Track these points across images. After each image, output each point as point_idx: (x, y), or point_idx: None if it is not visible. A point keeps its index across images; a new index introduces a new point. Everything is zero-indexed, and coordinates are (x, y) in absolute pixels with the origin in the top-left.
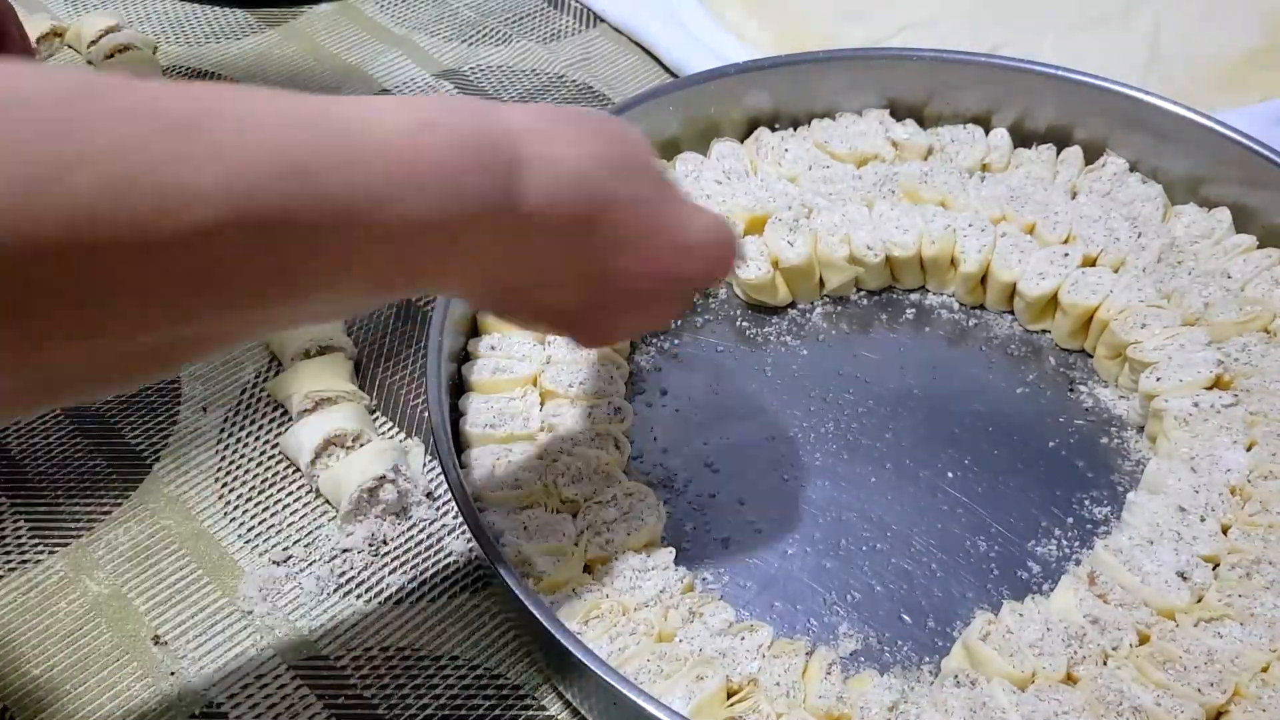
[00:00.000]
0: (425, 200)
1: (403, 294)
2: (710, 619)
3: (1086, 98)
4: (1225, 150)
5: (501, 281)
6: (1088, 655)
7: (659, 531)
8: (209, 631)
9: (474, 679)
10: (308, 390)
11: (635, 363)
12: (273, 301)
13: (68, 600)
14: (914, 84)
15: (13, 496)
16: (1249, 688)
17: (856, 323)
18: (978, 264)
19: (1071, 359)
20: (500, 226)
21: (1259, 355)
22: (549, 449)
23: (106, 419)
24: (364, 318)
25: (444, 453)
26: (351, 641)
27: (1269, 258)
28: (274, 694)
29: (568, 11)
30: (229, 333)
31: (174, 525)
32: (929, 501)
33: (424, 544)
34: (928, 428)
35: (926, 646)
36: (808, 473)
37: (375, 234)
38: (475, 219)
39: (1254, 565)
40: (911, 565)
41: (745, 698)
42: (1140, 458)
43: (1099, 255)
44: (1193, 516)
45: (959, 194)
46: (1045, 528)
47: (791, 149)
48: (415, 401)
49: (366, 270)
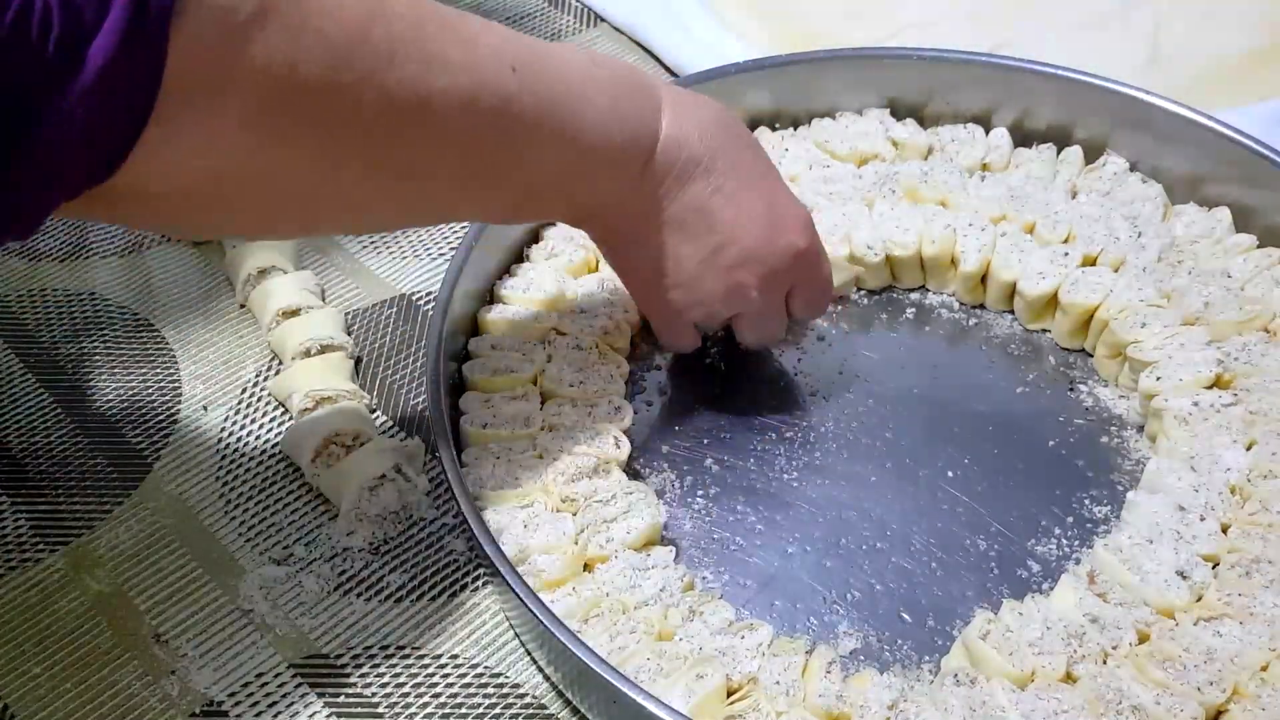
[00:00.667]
0: (599, 114)
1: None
2: (710, 618)
3: (1086, 98)
4: (1225, 150)
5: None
6: (1087, 654)
7: (658, 530)
8: (209, 630)
9: (474, 678)
10: (308, 389)
11: (635, 362)
12: (491, 175)
13: (68, 599)
14: (914, 84)
15: (14, 495)
16: (1248, 687)
17: (856, 323)
18: (978, 263)
19: (1071, 358)
20: (642, 154)
21: (1259, 355)
22: (549, 449)
23: (107, 418)
24: (364, 318)
25: (444, 452)
26: (352, 640)
27: (1269, 257)
28: (274, 692)
29: (568, 11)
30: (451, 199)
31: (175, 524)
32: (929, 500)
33: (424, 543)
34: (928, 427)
35: (926, 645)
36: (808, 472)
37: (566, 133)
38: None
39: (1253, 564)
40: (911, 564)
41: (745, 696)
42: (1140, 457)
43: (1099, 255)
44: (1192, 516)
45: (959, 194)
46: (1045, 527)
47: (792, 148)
48: (415, 401)
49: (549, 167)
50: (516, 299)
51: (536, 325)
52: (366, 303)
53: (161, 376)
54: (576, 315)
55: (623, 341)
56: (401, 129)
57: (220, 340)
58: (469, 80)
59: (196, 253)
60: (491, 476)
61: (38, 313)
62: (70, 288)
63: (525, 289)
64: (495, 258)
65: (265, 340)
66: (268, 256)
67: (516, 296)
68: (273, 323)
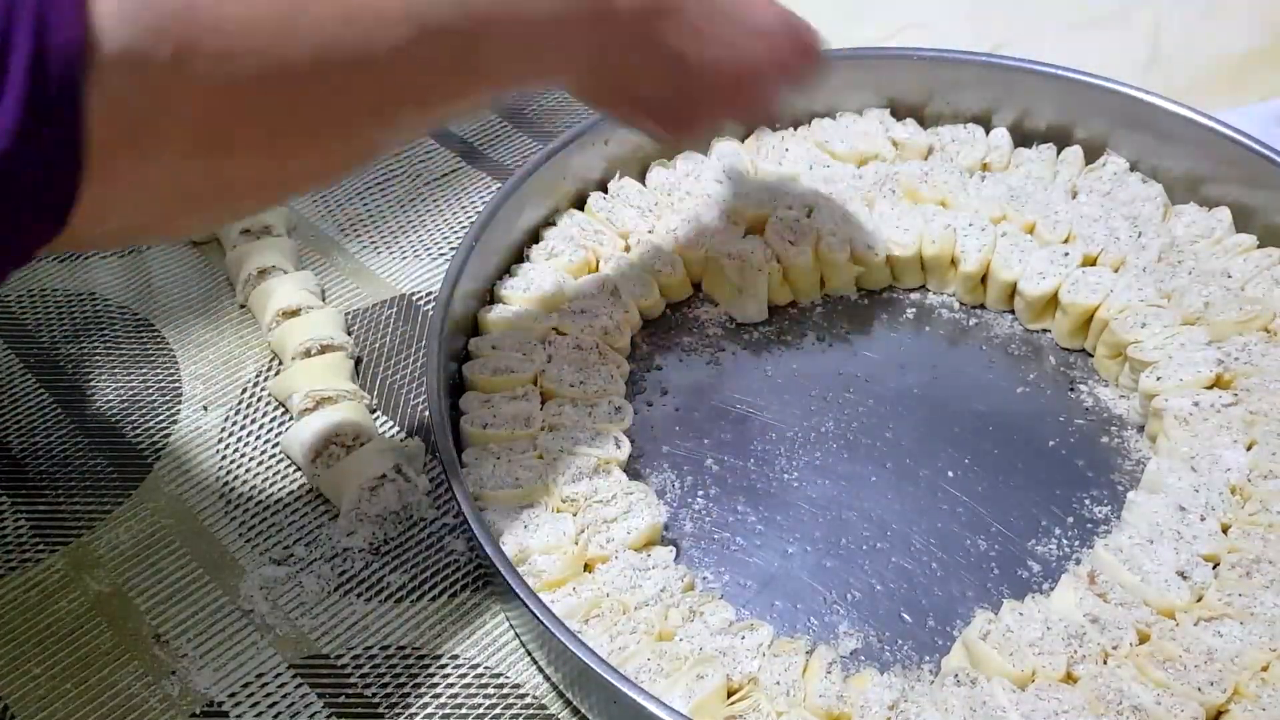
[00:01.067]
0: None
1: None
2: (710, 618)
3: (1086, 98)
4: (1225, 150)
5: (600, 72)
6: (1087, 654)
7: (659, 531)
8: (209, 630)
9: (474, 678)
10: (308, 389)
11: (635, 362)
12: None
13: (69, 599)
14: (914, 84)
15: (14, 495)
16: (1249, 687)
17: (856, 323)
18: (978, 263)
19: (1071, 358)
20: (599, 20)
21: (1259, 355)
22: (549, 448)
23: (107, 418)
24: (364, 318)
25: (444, 452)
26: (352, 640)
27: (1269, 257)
28: (274, 693)
29: None
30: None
31: (175, 524)
32: (929, 500)
33: (424, 543)
34: (928, 427)
35: (926, 645)
36: (808, 472)
37: (515, 33)
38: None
39: (1254, 564)
40: (912, 564)
41: (745, 696)
42: (1140, 457)
43: (1099, 255)
44: (1193, 516)
45: (959, 194)
46: (1045, 527)
47: (792, 148)
48: (415, 401)
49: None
50: (516, 299)
51: (536, 325)
52: (366, 303)
53: (161, 376)
54: (576, 315)
55: (623, 341)
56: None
57: (220, 340)
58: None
59: (196, 253)
60: (491, 476)
61: (38, 313)
62: (70, 288)
63: (525, 289)
64: (495, 258)
65: (265, 340)
66: (268, 256)
67: (516, 296)
68: (273, 323)
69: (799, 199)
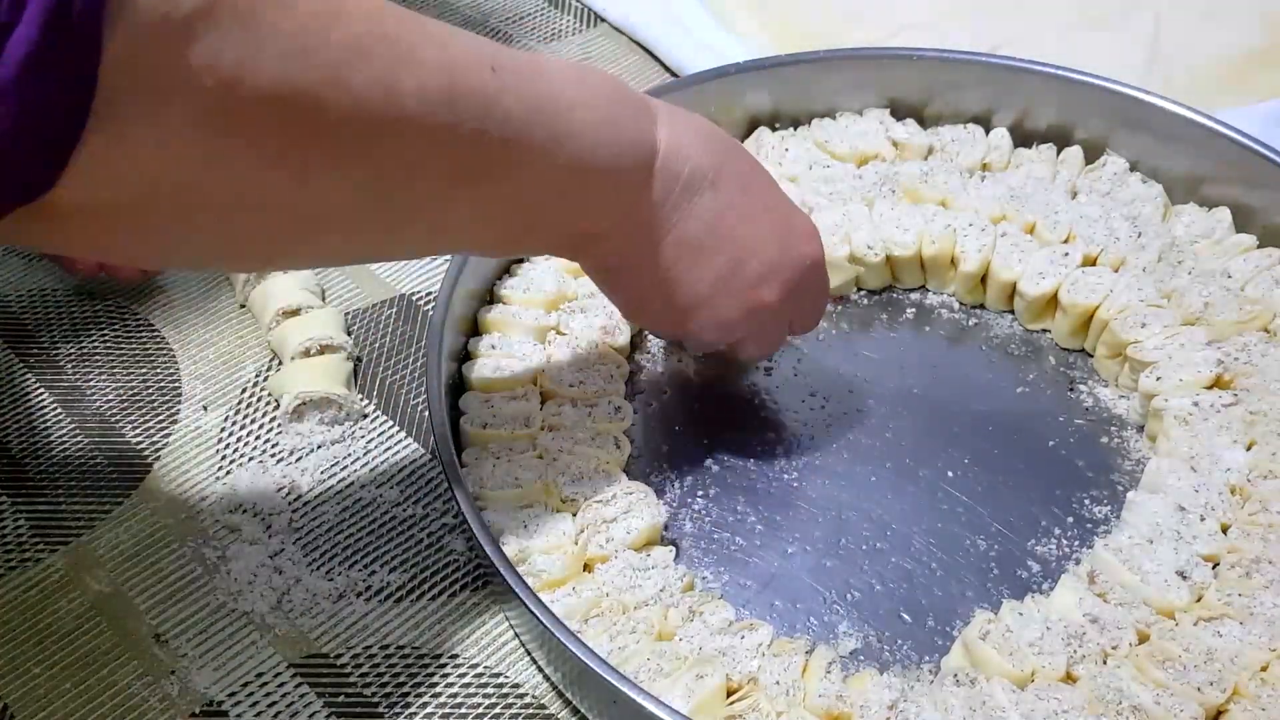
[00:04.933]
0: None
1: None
2: (710, 618)
3: (1086, 98)
4: (1225, 150)
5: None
6: (1087, 654)
7: (659, 530)
8: (209, 630)
9: (474, 678)
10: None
11: (635, 362)
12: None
13: (68, 599)
14: (914, 84)
15: (13, 495)
16: (1248, 687)
17: (856, 323)
18: (978, 263)
19: (1071, 358)
20: (642, 165)
21: (1259, 355)
22: (549, 448)
23: (107, 418)
24: (364, 318)
25: (444, 452)
26: (352, 640)
27: (1269, 257)
28: (274, 693)
29: (568, 11)
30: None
31: (174, 524)
32: (929, 501)
33: (424, 543)
34: (928, 427)
35: (926, 645)
36: (808, 472)
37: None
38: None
39: (1254, 564)
40: (911, 564)
41: (745, 696)
42: (1140, 457)
43: (1099, 255)
44: (1192, 516)
45: (959, 194)
46: (1045, 527)
47: (792, 148)
48: (415, 401)
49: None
50: (516, 299)
51: (536, 325)
52: (366, 303)
53: (161, 376)
54: (576, 315)
55: (623, 341)
56: (372, 134)
57: (220, 340)
58: (445, 79)
59: None
60: (491, 476)
61: (38, 313)
62: (70, 287)
63: (525, 289)
64: None
65: (265, 340)
66: None
67: (516, 296)
68: (273, 322)
69: (799, 199)
